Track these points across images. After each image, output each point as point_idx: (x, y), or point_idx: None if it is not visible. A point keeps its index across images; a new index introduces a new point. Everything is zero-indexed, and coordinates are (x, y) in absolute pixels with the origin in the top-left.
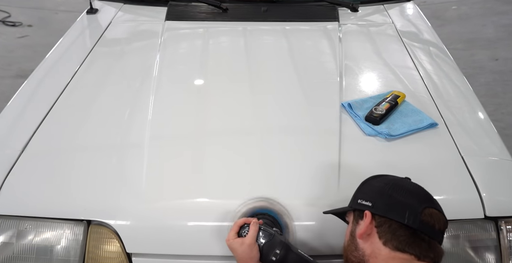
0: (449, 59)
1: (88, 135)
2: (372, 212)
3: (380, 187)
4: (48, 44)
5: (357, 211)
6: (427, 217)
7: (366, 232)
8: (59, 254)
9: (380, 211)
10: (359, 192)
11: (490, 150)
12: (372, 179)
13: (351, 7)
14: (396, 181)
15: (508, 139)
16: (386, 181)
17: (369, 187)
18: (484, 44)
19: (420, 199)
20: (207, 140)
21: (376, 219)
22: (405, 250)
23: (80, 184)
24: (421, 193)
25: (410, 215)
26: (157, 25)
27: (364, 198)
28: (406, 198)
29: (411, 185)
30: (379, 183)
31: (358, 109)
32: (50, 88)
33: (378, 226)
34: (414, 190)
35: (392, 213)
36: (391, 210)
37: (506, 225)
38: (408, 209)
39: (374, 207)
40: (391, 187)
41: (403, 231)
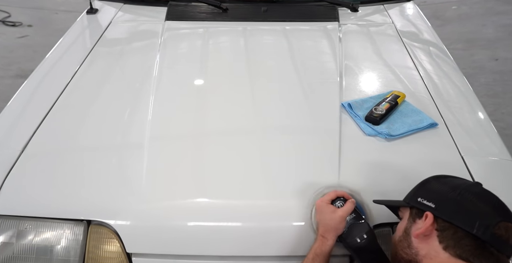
0: (449, 59)
1: (88, 135)
2: (435, 214)
3: (446, 190)
4: (48, 44)
5: (415, 209)
6: (501, 231)
7: (424, 233)
8: (59, 254)
9: (445, 216)
10: (420, 189)
11: (490, 150)
12: (437, 179)
13: (351, 7)
14: (467, 186)
15: (508, 139)
16: (455, 184)
17: (433, 187)
18: (484, 44)
19: (496, 210)
20: (207, 139)
21: (439, 222)
22: (469, 260)
23: (80, 184)
24: (497, 203)
25: (481, 226)
26: (157, 25)
27: (427, 198)
28: (478, 206)
29: (485, 192)
30: (445, 185)
31: (358, 109)
32: (50, 88)
33: (441, 230)
34: (489, 199)
35: (460, 220)
36: (459, 216)
37: None
38: (479, 219)
39: (438, 209)
40: (461, 192)
41: (469, 240)
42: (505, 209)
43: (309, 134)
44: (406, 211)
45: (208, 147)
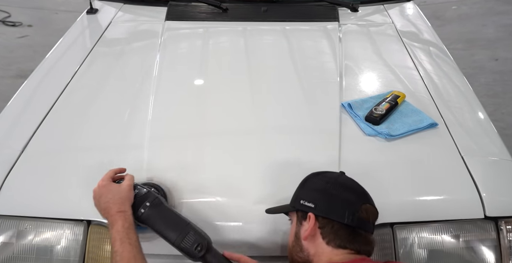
0: (449, 59)
1: (88, 135)
2: (315, 213)
3: (321, 186)
4: (48, 44)
5: (300, 212)
6: (364, 213)
7: (310, 234)
8: (59, 254)
9: (322, 213)
10: (301, 191)
11: (490, 150)
12: (313, 176)
13: (351, 7)
14: (335, 178)
15: (508, 139)
16: (326, 179)
17: (310, 186)
18: (484, 44)
19: (357, 195)
20: (207, 139)
21: (319, 220)
22: (346, 246)
23: (80, 184)
24: (357, 189)
25: (350, 215)
26: (157, 25)
27: (307, 199)
28: (345, 196)
29: (348, 181)
30: (320, 181)
31: (358, 109)
32: (50, 88)
33: (322, 227)
34: (351, 187)
35: (334, 214)
36: (333, 210)
37: (506, 225)
38: (348, 208)
39: (316, 208)
40: (331, 186)
41: (344, 230)
42: (363, 191)
43: (309, 134)
44: (293, 215)
45: (208, 146)
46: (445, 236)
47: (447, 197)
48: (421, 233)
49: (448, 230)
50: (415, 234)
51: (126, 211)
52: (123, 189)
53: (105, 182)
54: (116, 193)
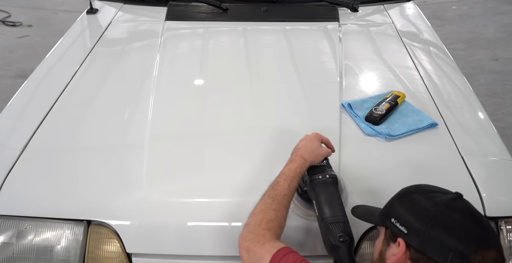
0: (449, 59)
1: (88, 135)
2: (407, 242)
3: (423, 210)
4: (48, 44)
5: (390, 231)
6: (478, 259)
7: (398, 261)
8: (59, 254)
9: (416, 245)
10: (396, 207)
11: (490, 150)
12: (417, 193)
13: (351, 7)
14: (445, 203)
15: (508, 139)
16: (433, 202)
17: (409, 205)
18: (484, 44)
19: (471, 235)
20: (207, 139)
21: (412, 251)
22: None
23: (80, 184)
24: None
25: (455, 258)
26: (157, 25)
27: (400, 220)
28: (452, 233)
29: (464, 209)
30: (424, 202)
31: (358, 109)
32: (50, 88)
33: (413, 260)
34: (468, 219)
35: (431, 251)
36: (431, 247)
37: (506, 225)
38: (453, 250)
39: (409, 235)
40: (435, 214)
41: None
42: (485, 230)
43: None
44: (382, 229)
45: (208, 146)
46: None
47: None
48: None
49: None
50: None
51: (307, 161)
52: (321, 149)
53: (316, 135)
54: (314, 146)
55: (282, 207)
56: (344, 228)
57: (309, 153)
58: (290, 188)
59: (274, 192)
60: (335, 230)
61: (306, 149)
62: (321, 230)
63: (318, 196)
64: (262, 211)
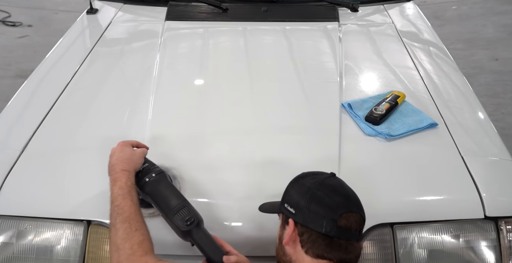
0: (449, 59)
1: (88, 135)
2: (295, 220)
3: (303, 191)
4: (48, 44)
5: (284, 215)
6: (344, 222)
7: (290, 239)
8: (59, 254)
9: (301, 220)
10: (287, 194)
11: (490, 150)
12: (303, 177)
13: (351, 7)
14: (321, 181)
15: (508, 139)
16: (312, 182)
17: (296, 189)
18: (484, 44)
19: (340, 202)
20: (207, 139)
21: (298, 227)
22: (324, 256)
23: (80, 184)
24: (342, 194)
25: (328, 224)
26: (157, 25)
27: (290, 203)
28: (326, 203)
29: (334, 184)
30: (306, 184)
31: (358, 109)
32: (50, 88)
33: (300, 235)
34: (336, 192)
35: (311, 223)
36: (311, 219)
37: (506, 225)
38: (326, 217)
39: (296, 214)
40: (314, 191)
41: (322, 240)
42: (348, 198)
43: (309, 133)
44: (281, 215)
45: (208, 146)
46: (445, 236)
47: (447, 197)
48: (421, 233)
49: (448, 230)
50: (415, 234)
51: (130, 171)
52: (135, 153)
53: (123, 144)
54: (127, 154)
55: (140, 223)
56: (188, 212)
57: (127, 163)
58: (134, 202)
59: (123, 215)
60: (180, 218)
61: (121, 160)
62: (171, 226)
63: (152, 197)
64: (127, 239)
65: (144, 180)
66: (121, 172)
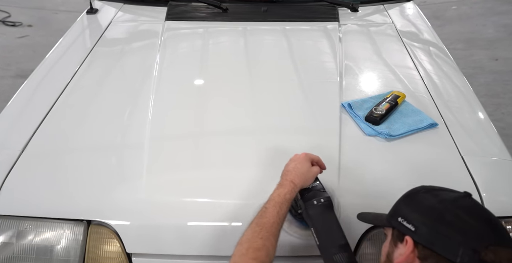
0: (449, 59)
1: (88, 135)
2: (415, 239)
3: (429, 208)
4: (48, 44)
5: (396, 230)
6: (490, 257)
7: (406, 261)
8: (59, 254)
9: (424, 241)
10: (402, 206)
11: (490, 150)
12: (423, 191)
13: (351, 7)
14: (452, 200)
15: (508, 139)
16: (440, 199)
17: (416, 203)
18: (484, 44)
19: (483, 231)
20: (207, 139)
21: (419, 249)
22: None
23: (80, 184)
24: (485, 220)
25: (465, 254)
26: (157, 25)
27: (407, 218)
28: (463, 228)
29: (471, 207)
30: (428, 200)
31: (358, 109)
32: (50, 88)
33: (422, 259)
34: (475, 216)
35: (441, 247)
36: (439, 242)
37: (506, 225)
38: (463, 243)
39: (417, 233)
40: (443, 210)
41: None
42: (496, 227)
43: (309, 134)
44: (389, 230)
45: (208, 147)
46: None
47: None
48: None
49: None
50: None
51: (297, 185)
52: (310, 170)
53: (305, 156)
54: (304, 169)
55: (270, 235)
56: (349, 258)
57: (299, 177)
58: (279, 215)
59: (262, 219)
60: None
61: (296, 172)
62: (325, 261)
63: (315, 223)
64: (249, 240)
65: (312, 202)
66: (290, 182)
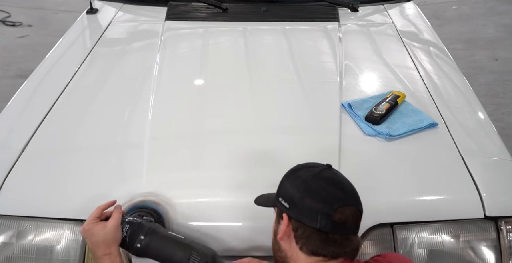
0: (449, 59)
1: (88, 135)
2: (289, 215)
3: (298, 185)
4: (48, 44)
5: (278, 210)
6: (338, 216)
7: (285, 235)
8: (59, 254)
9: (295, 215)
10: (281, 187)
11: (490, 150)
12: (298, 169)
13: (351, 7)
14: (316, 174)
15: (508, 139)
16: (306, 176)
17: (290, 182)
18: (484, 44)
19: (336, 195)
20: (207, 140)
21: (293, 222)
22: (319, 253)
23: (80, 183)
24: (338, 187)
25: (322, 219)
26: (157, 25)
27: (284, 197)
28: (319, 198)
29: (330, 177)
30: (299, 178)
31: (358, 109)
32: (50, 88)
33: (294, 230)
34: (332, 184)
35: (306, 218)
36: (305, 214)
37: (506, 225)
38: (320, 212)
39: (290, 209)
40: (307, 186)
41: (316, 235)
42: (344, 191)
43: (309, 134)
44: (276, 210)
45: (208, 147)
46: (445, 236)
47: (447, 197)
48: (421, 233)
49: (448, 230)
50: (415, 234)
51: (112, 253)
52: (108, 230)
53: (89, 226)
54: (101, 236)
55: None
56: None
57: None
58: None
59: None
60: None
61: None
62: None
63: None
64: None
65: (136, 246)
66: (103, 257)
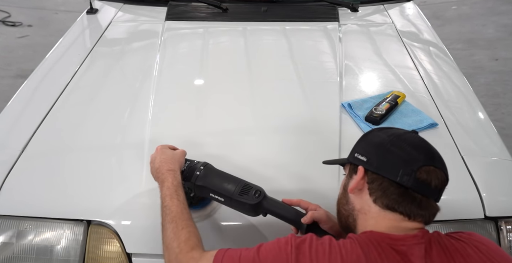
0: (449, 59)
1: (88, 135)
2: (366, 167)
3: (379, 141)
4: (48, 44)
5: (353, 165)
6: (423, 175)
7: (357, 187)
8: (59, 254)
9: (373, 167)
10: (358, 144)
11: (490, 150)
12: (376, 131)
13: (351, 7)
14: (398, 134)
15: (508, 139)
16: (388, 134)
17: (369, 140)
18: (484, 44)
19: (420, 155)
20: (207, 140)
21: (369, 175)
22: (395, 208)
23: (80, 184)
24: (423, 148)
25: (404, 173)
26: (157, 25)
27: (361, 152)
28: (404, 154)
29: (414, 139)
30: (380, 136)
31: (358, 109)
32: (50, 88)
33: (370, 183)
34: (416, 145)
35: (385, 170)
36: (385, 166)
37: (506, 225)
38: (403, 166)
39: (368, 162)
40: (390, 141)
41: (394, 189)
42: (431, 153)
43: (309, 134)
44: (347, 167)
45: (208, 146)
46: None
47: (447, 197)
48: None
49: (448, 230)
50: None
51: (176, 170)
52: (176, 153)
53: (161, 147)
54: (169, 155)
55: (187, 221)
56: (251, 187)
57: (171, 162)
58: (181, 200)
59: (171, 215)
60: (247, 194)
61: (165, 162)
62: (237, 207)
63: (209, 187)
64: (174, 238)
65: (196, 174)
66: (167, 172)
